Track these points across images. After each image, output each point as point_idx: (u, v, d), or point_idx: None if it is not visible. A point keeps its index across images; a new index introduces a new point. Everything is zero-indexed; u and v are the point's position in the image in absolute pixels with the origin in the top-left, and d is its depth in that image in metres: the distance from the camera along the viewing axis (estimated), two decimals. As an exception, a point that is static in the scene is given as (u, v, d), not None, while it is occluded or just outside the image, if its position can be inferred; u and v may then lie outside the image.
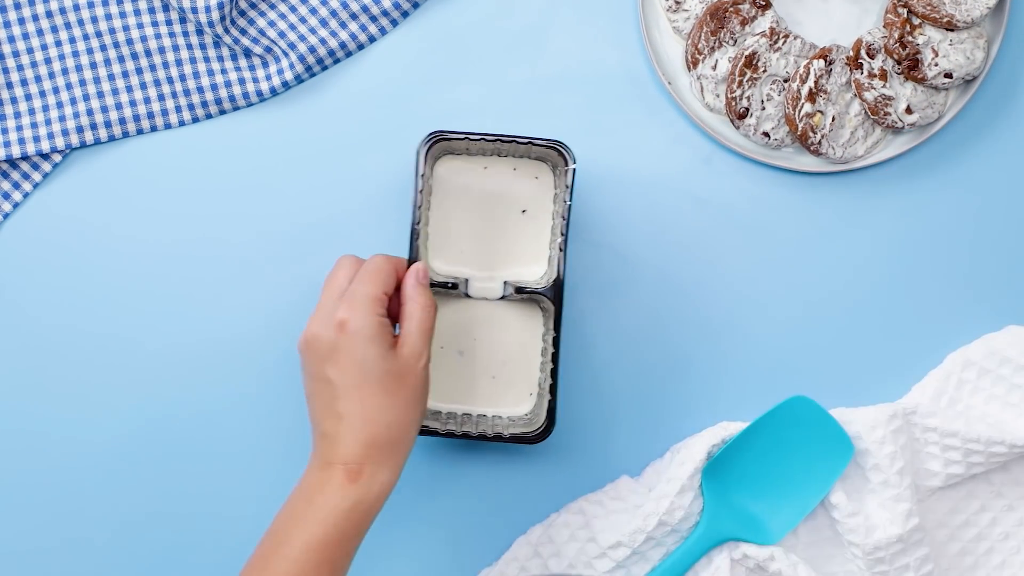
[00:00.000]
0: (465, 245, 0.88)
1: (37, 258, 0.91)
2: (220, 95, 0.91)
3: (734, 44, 0.90)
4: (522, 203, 0.88)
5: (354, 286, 0.79)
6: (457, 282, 0.86)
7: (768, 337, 0.91)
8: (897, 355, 0.92)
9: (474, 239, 0.88)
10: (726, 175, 0.92)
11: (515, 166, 0.87)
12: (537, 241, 0.88)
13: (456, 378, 0.88)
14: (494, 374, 0.88)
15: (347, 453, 0.76)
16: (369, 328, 0.77)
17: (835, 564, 0.90)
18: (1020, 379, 0.89)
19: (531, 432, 0.85)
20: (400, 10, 0.91)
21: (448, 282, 0.86)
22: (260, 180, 0.91)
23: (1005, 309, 0.92)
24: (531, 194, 0.88)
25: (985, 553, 0.91)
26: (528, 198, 0.88)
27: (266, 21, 0.91)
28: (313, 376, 0.78)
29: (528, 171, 0.88)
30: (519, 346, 0.88)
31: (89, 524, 0.90)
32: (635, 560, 0.89)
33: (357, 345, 0.76)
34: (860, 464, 0.89)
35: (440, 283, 0.86)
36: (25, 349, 0.91)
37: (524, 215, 0.88)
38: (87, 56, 0.90)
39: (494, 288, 0.87)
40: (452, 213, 0.88)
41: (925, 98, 0.89)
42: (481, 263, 0.88)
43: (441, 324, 0.87)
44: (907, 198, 0.92)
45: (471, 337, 0.88)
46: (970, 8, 0.88)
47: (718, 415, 0.91)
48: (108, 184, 0.91)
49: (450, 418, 0.87)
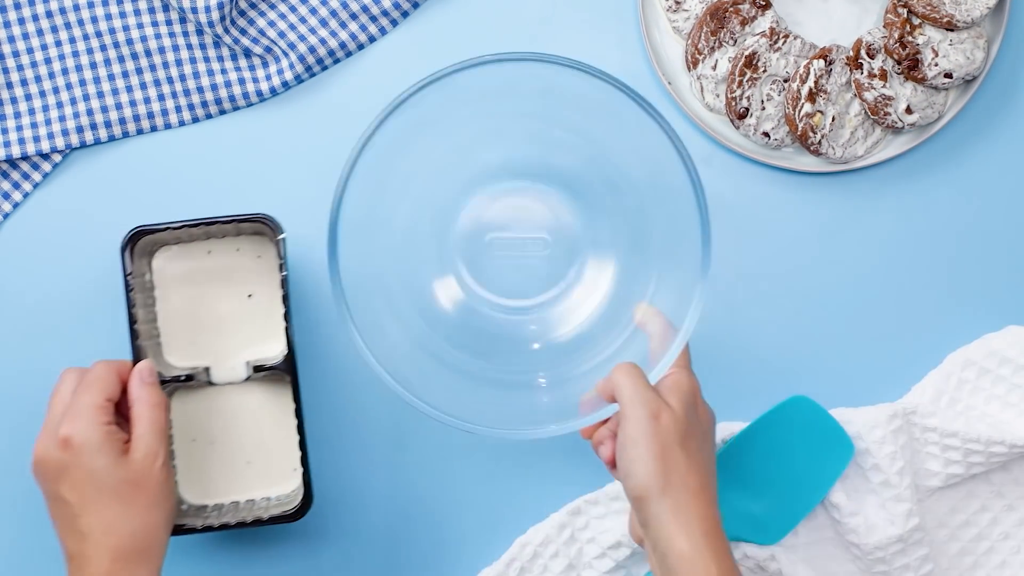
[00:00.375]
0: (199, 335, 0.87)
1: (37, 258, 0.91)
2: (220, 95, 0.91)
3: (734, 44, 0.90)
4: (248, 285, 0.87)
5: (75, 398, 0.78)
6: (194, 373, 0.85)
7: (768, 337, 0.91)
8: (897, 355, 0.92)
9: (209, 327, 0.87)
10: (726, 175, 0.92)
11: (237, 246, 0.87)
12: (271, 317, 0.86)
13: (214, 469, 0.87)
14: (249, 459, 0.87)
15: (96, 570, 0.75)
16: (94, 439, 0.76)
17: (835, 564, 0.90)
18: (1020, 379, 0.89)
19: (289, 510, 0.83)
20: (400, 10, 0.91)
21: (182, 375, 0.85)
22: (260, 180, 0.91)
23: (1005, 309, 0.92)
24: (256, 272, 0.87)
25: (985, 553, 0.91)
26: (254, 279, 0.87)
27: (266, 21, 0.91)
28: (50, 497, 0.77)
29: (251, 249, 0.87)
30: (274, 425, 0.87)
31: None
32: (635, 560, 0.89)
33: (85, 459, 0.75)
34: (860, 464, 0.89)
35: (174, 377, 0.85)
36: (25, 349, 0.91)
37: (252, 296, 0.87)
38: (87, 56, 0.90)
39: (237, 371, 0.86)
40: (181, 304, 0.87)
41: (925, 98, 0.89)
42: (221, 349, 0.87)
43: (189, 416, 0.87)
44: (907, 198, 0.92)
45: (221, 425, 0.87)
46: (970, 8, 0.88)
47: (718, 415, 0.90)
48: (108, 184, 0.91)
49: (216, 510, 0.86)
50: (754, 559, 0.88)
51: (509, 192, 0.88)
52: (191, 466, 0.86)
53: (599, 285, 0.88)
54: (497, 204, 0.88)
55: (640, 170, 0.85)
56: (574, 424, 0.79)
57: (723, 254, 0.91)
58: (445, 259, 0.88)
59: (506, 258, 0.88)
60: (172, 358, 0.87)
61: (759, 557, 0.88)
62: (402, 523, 0.91)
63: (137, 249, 0.84)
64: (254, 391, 0.87)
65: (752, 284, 0.92)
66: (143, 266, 0.85)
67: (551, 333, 0.89)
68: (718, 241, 0.91)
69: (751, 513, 0.89)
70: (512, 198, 0.89)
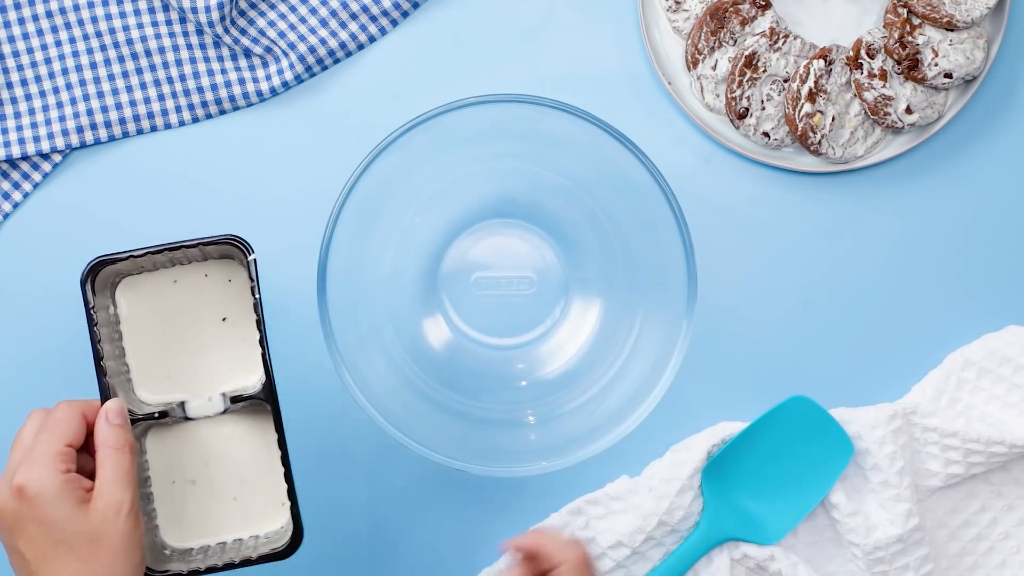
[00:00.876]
0: (172, 368, 0.81)
1: (37, 258, 0.91)
2: (220, 95, 0.91)
3: (734, 44, 0.90)
4: (220, 310, 0.81)
5: (34, 444, 0.72)
6: (167, 409, 0.80)
7: (768, 337, 0.91)
8: (897, 355, 0.92)
9: (181, 359, 0.81)
10: (726, 175, 0.92)
11: (205, 272, 0.81)
12: (247, 344, 0.81)
13: (197, 510, 0.81)
14: (235, 495, 0.81)
15: None
16: (50, 489, 0.70)
17: (835, 564, 0.90)
18: (1020, 379, 0.89)
19: (279, 548, 0.78)
20: (400, 10, 0.91)
21: (155, 412, 0.79)
22: (260, 180, 0.91)
23: (1005, 309, 0.92)
24: (228, 298, 0.81)
25: (985, 553, 0.91)
26: (225, 304, 0.81)
27: (266, 21, 0.91)
28: (8, 549, 0.72)
29: (220, 274, 0.81)
30: (255, 459, 0.81)
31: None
32: (635, 560, 0.89)
33: (40, 510, 0.70)
34: (860, 464, 0.89)
35: (147, 415, 0.79)
36: (25, 349, 0.91)
37: (225, 323, 0.81)
38: (87, 56, 0.90)
39: (214, 404, 0.80)
40: (150, 337, 0.81)
41: (925, 98, 0.89)
42: (196, 382, 0.81)
43: (167, 455, 0.81)
44: (907, 198, 0.92)
45: (202, 463, 0.81)
46: (970, 8, 0.88)
47: (718, 415, 0.91)
48: (108, 184, 0.91)
49: (201, 552, 0.80)
50: (754, 559, 0.88)
51: (494, 231, 0.90)
52: (172, 508, 0.81)
53: (585, 323, 0.89)
54: (482, 243, 0.89)
55: (624, 208, 0.86)
56: (563, 462, 0.81)
57: (723, 254, 0.91)
58: (432, 298, 0.89)
59: (492, 297, 0.90)
60: (144, 394, 0.81)
61: (759, 557, 0.88)
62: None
63: (98, 281, 0.79)
64: (236, 424, 0.82)
65: (752, 284, 0.92)
66: (105, 299, 0.80)
67: (538, 371, 0.89)
68: (718, 241, 0.91)
69: (751, 513, 0.89)
70: (497, 237, 0.90)
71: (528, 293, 0.90)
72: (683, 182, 0.91)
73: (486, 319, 0.90)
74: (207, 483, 0.81)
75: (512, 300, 0.90)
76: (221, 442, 0.81)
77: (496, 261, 0.90)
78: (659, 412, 0.84)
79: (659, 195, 0.82)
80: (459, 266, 0.90)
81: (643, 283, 0.87)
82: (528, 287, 0.90)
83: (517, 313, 0.90)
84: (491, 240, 0.90)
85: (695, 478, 0.87)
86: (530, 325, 0.90)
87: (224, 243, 0.78)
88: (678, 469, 0.88)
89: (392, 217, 0.87)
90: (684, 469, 0.87)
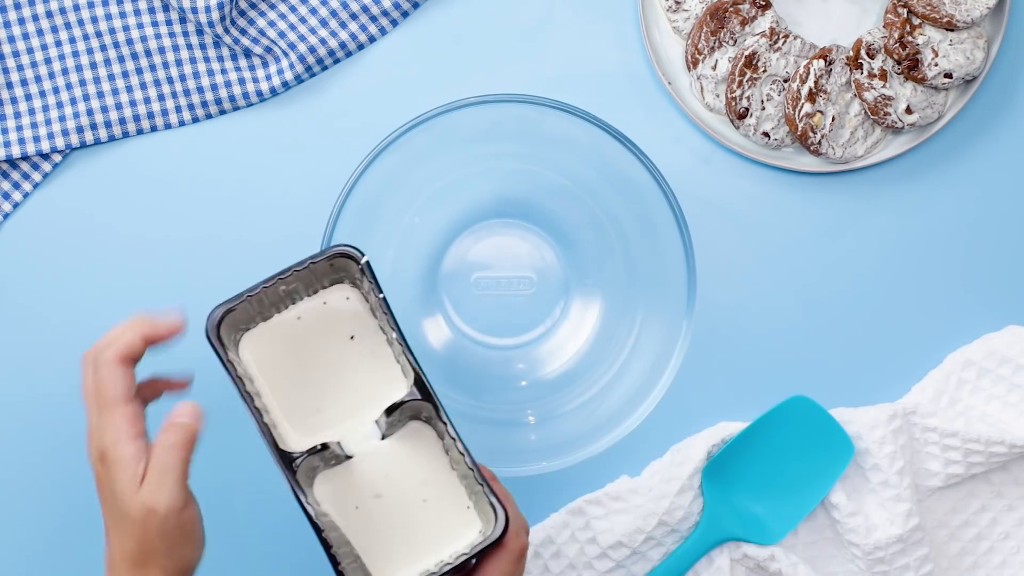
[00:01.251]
0: (318, 402, 0.76)
1: (37, 258, 0.91)
2: (220, 95, 0.91)
3: (734, 44, 0.90)
4: (347, 329, 0.76)
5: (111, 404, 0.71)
6: (328, 444, 0.73)
7: (768, 337, 0.91)
8: (897, 355, 0.92)
9: (325, 391, 0.76)
10: (726, 175, 0.92)
11: (324, 299, 0.76)
12: (376, 357, 0.76)
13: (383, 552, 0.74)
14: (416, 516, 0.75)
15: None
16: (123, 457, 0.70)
17: (835, 564, 0.90)
18: (1020, 379, 0.89)
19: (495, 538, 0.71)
20: (400, 10, 0.91)
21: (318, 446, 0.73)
22: (260, 180, 0.91)
23: (1005, 309, 0.92)
24: (351, 316, 0.76)
25: (985, 553, 0.91)
26: (350, 321, 0.76)
27: (266, 21, 0.91)
28: None
29: (337, 296, 0.77)
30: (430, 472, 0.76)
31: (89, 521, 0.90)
32: (635, 560, 0.89)
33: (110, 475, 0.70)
34: (860, 464, 0.89)
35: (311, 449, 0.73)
36: (25, 350, 0.91)
37: (354, 340, 0.76)
38: (87, 56, 0.90)
39: (370, 431, 0.75)
40: (287, 379, 0.76)
41: (925, 98, 0.89)
42: (344, 410, 0.76)
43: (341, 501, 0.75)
44: (907, 198, 0.92)
45: (374, 494, 0.75)
46: (970, 8, 0.88)
47: (718, 415, 0.91)
48: (108, 184, 0.91)
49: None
50: (754, 559, 0.88)
51: (494, 231, 0.90)
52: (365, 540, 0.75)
53: (585, 323, 0.89)
54: (482, 243, 0.89)
55: (624, 208, 0.86)
56: (563, 462, 0.82)
57: (723, 254, 0.91)
58: (432, 298, 0.89)
59: (492, 297, 0.90)
60: (294, 442, 0.75)
61: (759, 557, 0.88)
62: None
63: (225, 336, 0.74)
64: (396, 445, 0.76)
65: (752, 284, 0.92)
66: (233, 355, 0.74)
67: (538, 371, 0.90)
68: (718, 241, 0.91)
69: (751, 513, 0.89)
70: (497, 237, 0.90)
71: (528, 293, 0.90)
72: (683, 182, 0.91)
73: (486, 319, 0.90)
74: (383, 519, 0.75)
75: (512, 300, 0.90)
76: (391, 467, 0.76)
77: (496, 261, 0.90)
78: (659, 412, 0.84)
79: (659, 195, 0.82)
80: (459, 266, 0.90)
81: (643, 283, 0.87)
82: (528, 287, 0.90)
83: (517, 313, 0.90)
84: (491, 240, 0.90)
85: (695, 478, 0.87)
86: (530, 325, 0.90)
87: (333, 257, 0.74)
88: (678, 469, 0.88)
89: (392, 217, 0.87)
90: (684, 469, 0.87)
